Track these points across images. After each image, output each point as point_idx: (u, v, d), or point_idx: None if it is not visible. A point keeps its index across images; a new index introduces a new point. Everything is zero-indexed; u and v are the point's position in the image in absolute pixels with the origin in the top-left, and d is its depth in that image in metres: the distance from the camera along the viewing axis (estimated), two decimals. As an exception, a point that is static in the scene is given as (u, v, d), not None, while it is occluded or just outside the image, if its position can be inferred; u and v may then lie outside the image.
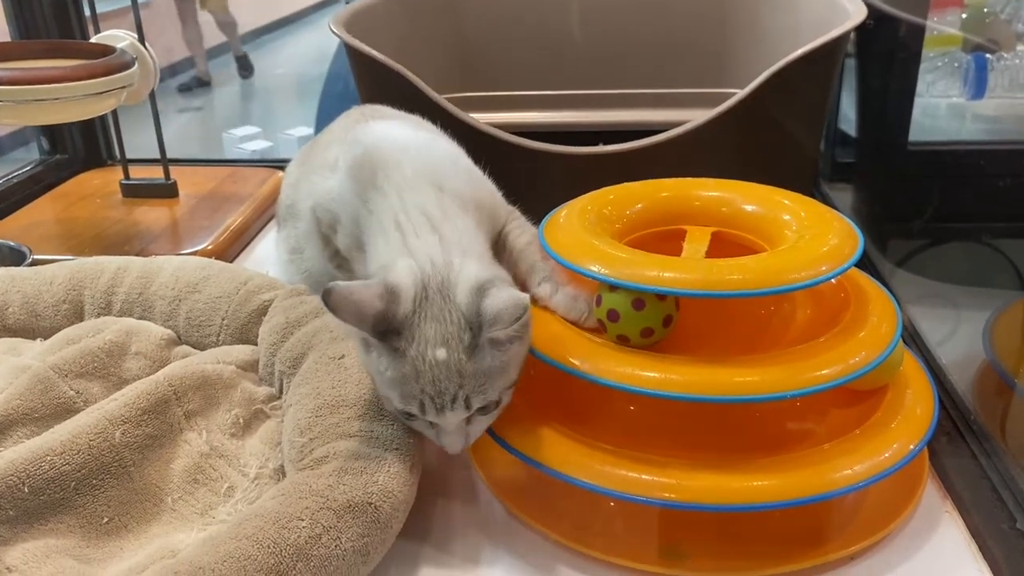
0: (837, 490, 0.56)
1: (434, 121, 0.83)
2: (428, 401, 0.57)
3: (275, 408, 0.73)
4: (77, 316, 0.85)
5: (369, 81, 0.99)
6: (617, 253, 0.63)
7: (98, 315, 0.85)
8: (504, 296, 0.56)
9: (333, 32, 1.01)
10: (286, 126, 1.90)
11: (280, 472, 0.65)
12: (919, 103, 1.49)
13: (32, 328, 0.84)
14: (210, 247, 1.07)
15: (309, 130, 1.89)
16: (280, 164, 1.30)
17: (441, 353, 0.56)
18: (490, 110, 1.17)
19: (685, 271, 0.60)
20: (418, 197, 0.65)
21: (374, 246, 0.65)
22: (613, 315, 0.62)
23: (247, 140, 1.87)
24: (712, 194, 0.72)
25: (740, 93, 0.87)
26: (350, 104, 1.63)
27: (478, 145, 0.77)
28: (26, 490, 0.59)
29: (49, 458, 0.60)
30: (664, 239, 0.70)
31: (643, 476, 0.57)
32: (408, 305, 0.57)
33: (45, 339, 0.82)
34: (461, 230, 0.64)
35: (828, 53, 0.90)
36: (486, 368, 0.57)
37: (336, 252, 0.75)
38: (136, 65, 1.05)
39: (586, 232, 0.66)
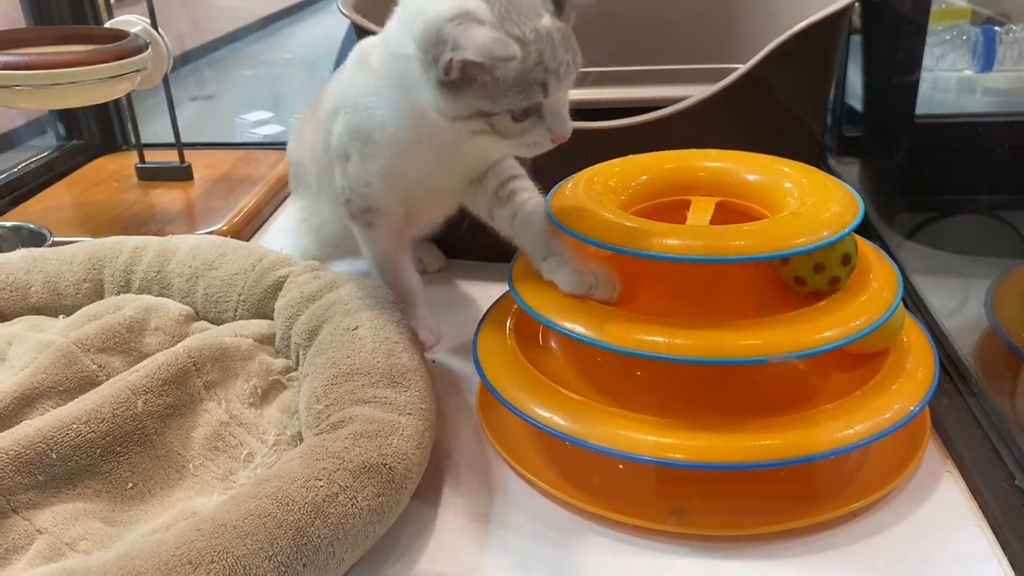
0: (839, 448, 0.58)
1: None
2: (552, 77, 0.60)
3: (292, 379, 0.75)
4: (97, 294, 0.88)
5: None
6: (623, 222, 0.64)
7: (118, 293, 0.87)
8: None
9: (342, 12, 1.02)
10: (297, 111, 1.92)
11: (297, 439, 0.67)
12: (928, 77, 1.50)
13: (55, 306, 0.87)
14: (225, 227, 1.09)
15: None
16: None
17: (546, 20, 0.60)
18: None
19: (690, 237, 0.62)
20: None
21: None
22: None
23: (259, 125, 1.88)
24: (716, 165, 0.73)
25: (743, 67, 0.88)
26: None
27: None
28: (54, 456, 0.61)
29: (75, 426, 0.62)
30: (669, 209, 0.72)
31: (648, 437, 0.58)
32: (489, 13, 0.58)
33: (67, 316, 0.85)
34: None
35: (832, 25, 0.91)
36: (571, 31, 0.62)
37: (349, 188, 0.76)
38: (149, 49, 1.07)
39: (593, 203, 0.67)
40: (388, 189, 0.74)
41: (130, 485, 0.63)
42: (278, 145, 1.43)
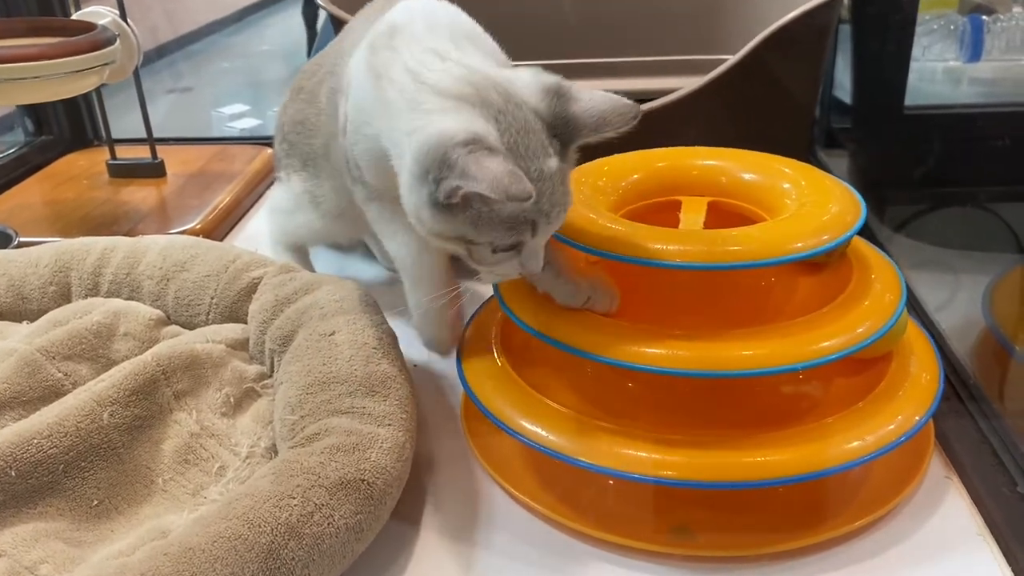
0: (847, 463, 0.55)
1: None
2: (543, 219, 0.55)
3: (266, 386, 0.72)
4: (64, 298, 0.84)
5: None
6: (618, 228, 0.61)
7: (85, 296, 0.84)
8: (602, 97, 0.54)
9: (319, 4, 0.99)
10: (275, 103, 1.88)
11: (272, 451, 0.64)
12: (915, 67, 1.47)
13: (19, 311, 0.83)
14: (199, 226, 1.06)
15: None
16: (269, 141, 1.28)
17: (552, 162, 0.54)
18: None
19: (687, 243, 0.59)
20: (431, 42, 0.60)
21: (397, 127, 0.59)
22: None
23: (236, 118, 1.84)
24: (709, 163, 0.71)
25: (733, 58, 0.86)
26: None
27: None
28: (13, 474, 0.58)
29: (36, 441, 0.59)
30: (661, 210, 0.69)
31: (642, 454, 0.56)
32: (500, 143, 0.53)
33: (32, 322, 0.81)
34: (481, 55, 0.61)
35: (822, 15, 0.89)
36: (568, 174, 0.57)
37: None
38: (118, 42, 1.03)
39: (583, 206, 0.65)
40: None
41: (95, 502, 0.60)
42: (255, 139, 1.39)
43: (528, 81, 0.57)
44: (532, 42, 1.14)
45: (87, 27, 1.03)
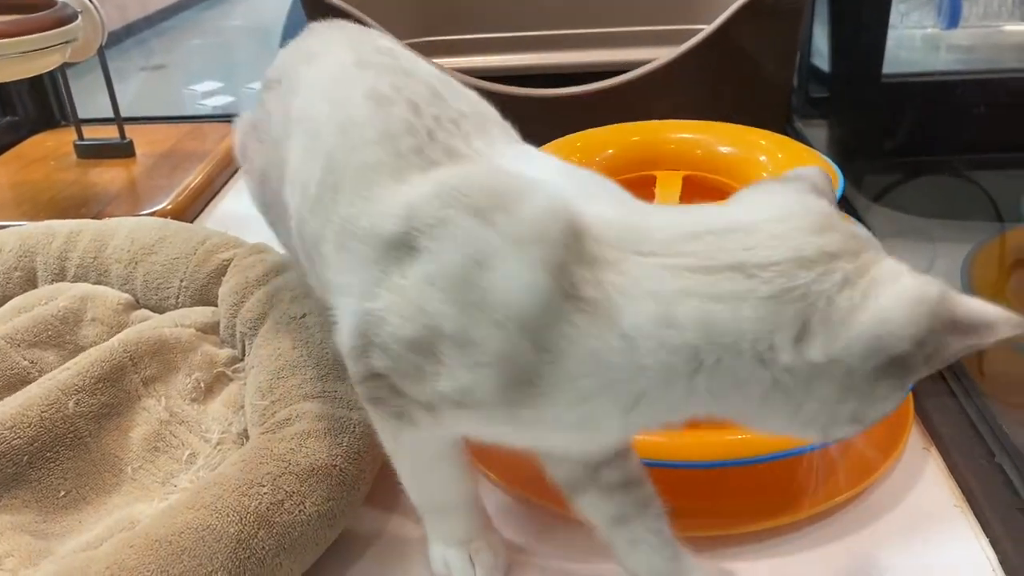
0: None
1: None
2: None
3: (237, 371, 0.70)
4: (30, 283, 0.82)
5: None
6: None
7: (52, 282, 0.82)
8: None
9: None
10: (250, 79, 1.86)
11: (244, 436, 0.63)
12: (893, 35, 1.46)
13: (-17, 298, 0.81)
14: (169, 206, 1.04)
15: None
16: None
17: None
18: (454, 54, 1.13)
19: None
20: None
21: None
22: None
23: (209, 96, 1.81)
24: (684, 136, 0.69)
25: (709, 27, 0.84)
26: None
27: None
28: (-24, 466, 0.56)
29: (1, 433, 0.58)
30: (636, 186, 0.67)
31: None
32: None
33: (-4, 308, 0.80)
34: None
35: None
36: None
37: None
38: (80, 19, 1.00)
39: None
40: None
41: (62, 493, 0.58)
42: (228, 117, 1.36)
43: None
44: (499, 14, 1.13)
45: (47, 4, 1.00)
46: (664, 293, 0.38)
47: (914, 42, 1.44)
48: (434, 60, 0.89)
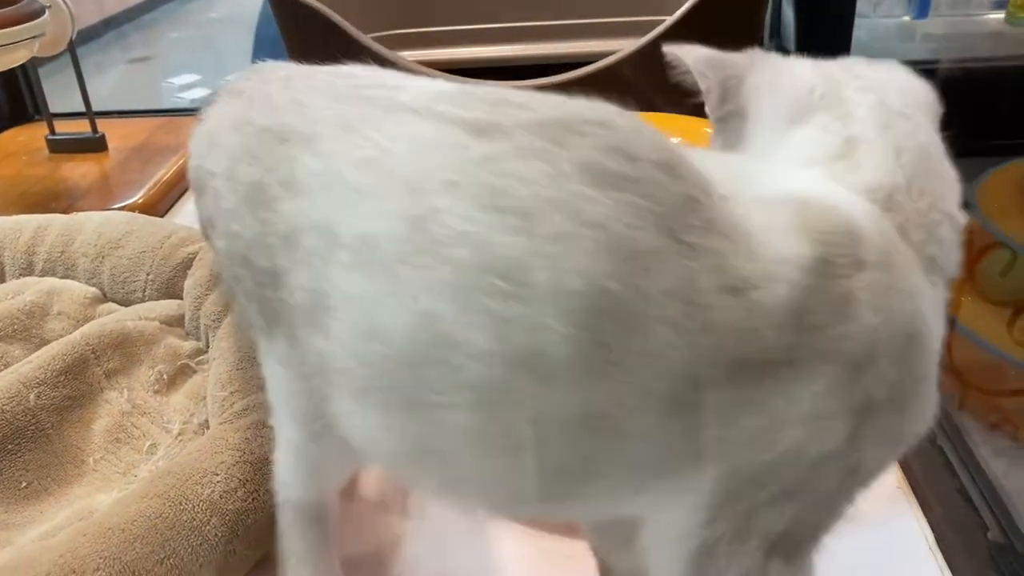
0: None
1: (360, 61, 0.81)
2: None
3: (201, 362, 0.71)
4: (-2, 277, 0.83)
5: (290, 23, 0.95)
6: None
7: (19, 276, 0.83)
8: None
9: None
10: (229, 72, 1.84)
11: (205, 427, 0.64)
12: (867, 24, 1.48)
13: (-49, 293, 0.82)
14: (141, 200, 1.04)
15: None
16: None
17: None
18: (421, 47, 1.13)
19: None
20: None
21: None
22: None
23: (186, 89, 1.82)
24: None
25: (670, 18, 0.85)
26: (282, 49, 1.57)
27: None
28: (-63, 459, 0.57)
29: (-39, 426, 0.59)
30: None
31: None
32: None
33: (-34, 304, 0.80)
34: None
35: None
36: None
37: None
38: (48, 14, 1.01)
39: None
40: None
41: (24, 484, 0.59)
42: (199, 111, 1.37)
43: None
44: (464, 6, 1.13)
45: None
46: None
47: (889, 31, 1.45)
48: (400, 53, 0.90)
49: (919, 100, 0.43)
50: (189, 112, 1.39)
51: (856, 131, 0.40)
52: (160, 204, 1.06)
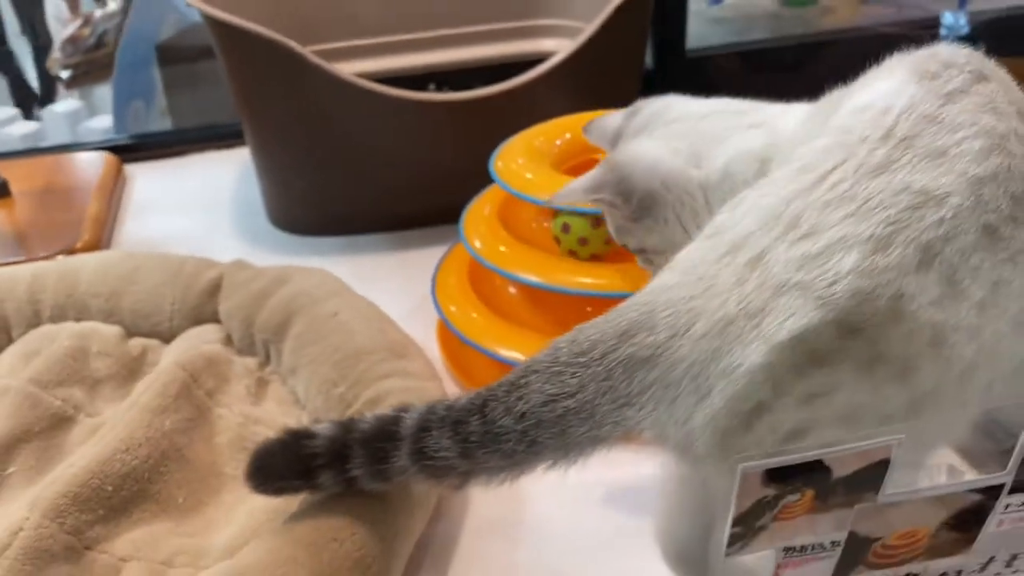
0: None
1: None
2: None
3: (272, 373, 0.78)
4: (4, 330, 0.84)
5: (236, 53, 1.00)
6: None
7: (27, 325, 0.84)
8: None
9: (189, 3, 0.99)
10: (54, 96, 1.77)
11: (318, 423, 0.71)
12: (698, 11, 1.68)
13: (-43, 351, 0.82)
14: (88, 237, 1.05)
15: (79, 103, 1.76)
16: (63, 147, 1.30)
17: None
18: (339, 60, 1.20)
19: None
20: None
21: None
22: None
23: (7, 123, 1.72)
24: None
25: (597, 20, 0.99)
26: (151, 73, 1.56)
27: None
28: (109, 489, 0.62)
29: (118, 456, 0.63)
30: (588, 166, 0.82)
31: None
32: None
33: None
34: None
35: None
36: None
37: None
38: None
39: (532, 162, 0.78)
40: None
41: (180, 500, 0.65)
42: (82, 146, 1.34)
43: None
44: (381, 15, 1.21)
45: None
46: None
47: (701, 17, 1.68)
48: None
49: None
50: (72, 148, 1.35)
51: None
52: (101, 241, 1.07)
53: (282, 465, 0.56)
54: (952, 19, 1.57)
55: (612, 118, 0.68)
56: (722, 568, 0.41)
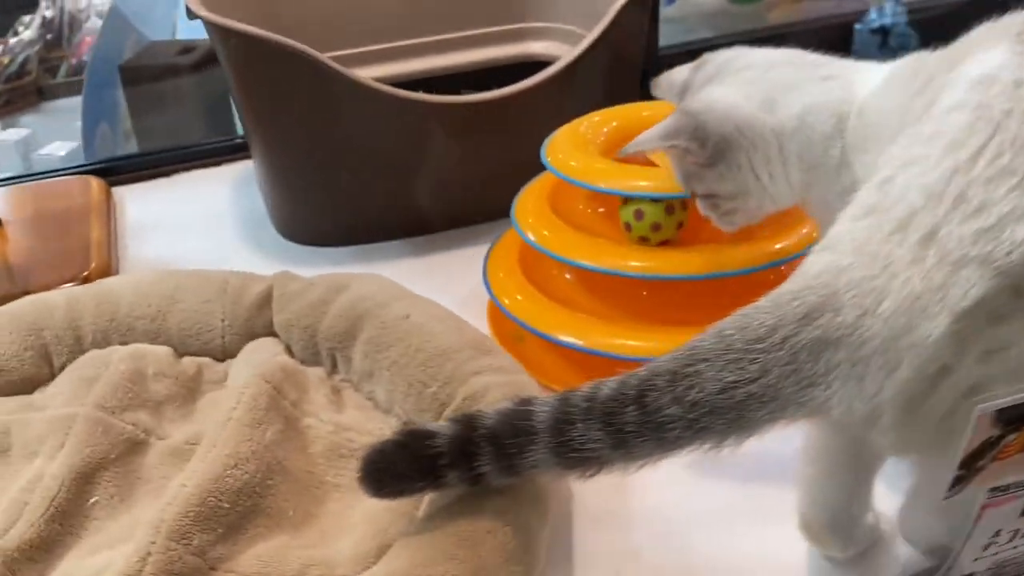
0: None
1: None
2: None
3: (343, 381, 0.77)
4: (44, 359, 0.81)
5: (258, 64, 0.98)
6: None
7: (69, 353, 0.81)
8: None
9: (191, 14, 0.97)
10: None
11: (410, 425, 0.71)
12: (667, 11, 1.70)
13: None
14: (97, 263, 1.01)
15: (26, 130, 1.68)
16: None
17: None
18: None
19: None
20: None
21: None
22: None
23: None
24: (650, 114, 0.86)
25: (605, 18, 1.01)
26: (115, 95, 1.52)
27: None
28: (226, 506, 0.60)
29: (228, 472, 0.61)
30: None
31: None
32: None
33: (16, 393, 0.78)
34: None
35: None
36: None
37: None
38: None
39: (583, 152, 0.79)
40: None
41: (290, 512, 0.63)
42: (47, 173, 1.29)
43: None
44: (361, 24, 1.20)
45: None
46: None
47: (663, 16, 1.72)
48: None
49: None
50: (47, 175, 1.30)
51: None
52: (111, 267, 1.03)
53: (404, 467, 0.56)
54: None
55: (679, 71, 0.71)
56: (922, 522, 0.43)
